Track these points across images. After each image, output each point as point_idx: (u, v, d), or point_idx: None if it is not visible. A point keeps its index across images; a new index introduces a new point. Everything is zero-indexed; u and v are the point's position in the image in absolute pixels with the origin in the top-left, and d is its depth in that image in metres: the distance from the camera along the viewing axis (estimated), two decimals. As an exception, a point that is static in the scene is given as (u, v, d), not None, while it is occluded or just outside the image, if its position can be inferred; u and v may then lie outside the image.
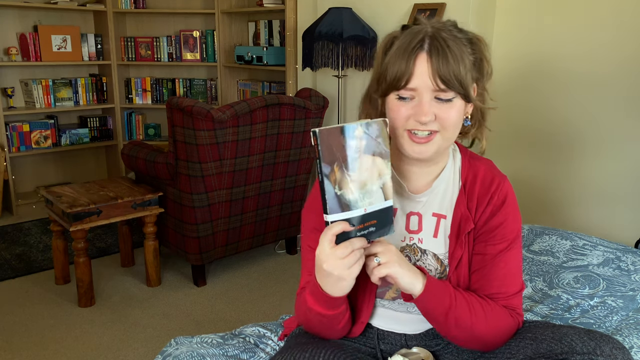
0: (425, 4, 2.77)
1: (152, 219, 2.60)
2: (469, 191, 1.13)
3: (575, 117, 2.62)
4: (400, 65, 1.01)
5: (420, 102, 1.01)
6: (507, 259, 1.12)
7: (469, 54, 1.04)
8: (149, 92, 4.36)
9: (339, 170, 0.91)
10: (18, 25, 3.79)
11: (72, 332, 2.27)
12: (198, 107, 2.34)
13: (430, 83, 1.00)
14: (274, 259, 3.04)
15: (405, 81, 1.01)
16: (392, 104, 1.05)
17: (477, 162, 1.17)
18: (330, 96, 3.25)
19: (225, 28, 4.11)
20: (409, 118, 1.03)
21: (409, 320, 1.18)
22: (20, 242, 3.23)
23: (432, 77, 0.99)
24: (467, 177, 1.14)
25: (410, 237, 1.14)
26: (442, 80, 0.99)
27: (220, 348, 1.25)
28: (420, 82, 1.00)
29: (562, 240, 1.98)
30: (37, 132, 3.84)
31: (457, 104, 1.03)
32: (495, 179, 1.13)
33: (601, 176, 2.58)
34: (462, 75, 1.00)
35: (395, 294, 1.15)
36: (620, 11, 2.41)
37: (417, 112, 1.01)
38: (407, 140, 1.05)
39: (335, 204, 0.92)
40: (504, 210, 1.12)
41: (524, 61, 2.76)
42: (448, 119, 1.02)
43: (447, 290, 1.06)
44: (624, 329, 1.41)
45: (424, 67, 1.00)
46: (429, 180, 1.14)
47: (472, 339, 1.08)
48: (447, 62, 0.99)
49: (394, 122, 1.05)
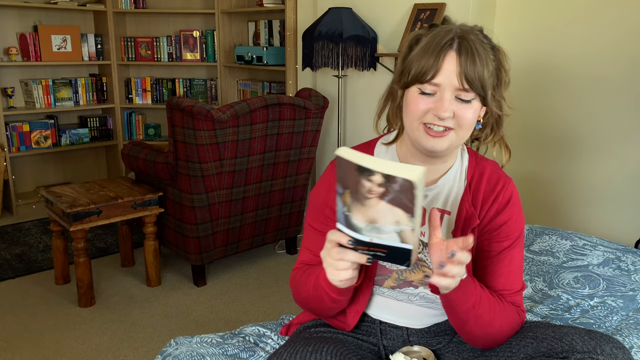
0: (425, 4, 2.77)
1: (152, 219, 2.60)
2: (474, 189, 1.16)
3: (575, 117, 2.62)
4: (429, 60, 1.04)
5: (442, 98, 1.04)
6: (511, 256, 1.15)
7: (492, 60, 1.07)
8: (149, 92, 4.36)
9: (350, 197, 0.89)
10: (18, 25, 3.79)
11: (72, 332, 2.27)
12: (198, 107, 2.34)
13: (456, 81, 1.03)
14: (274, 259, 3.04)
15: (431, 75, 1.04)
16: (412, 96, 1.07)
17: (484, 162, 1.20)
18: (330, 96, 3.25)
19: (225, 28, 4.11)
20: (427, 112, 1.06)
21: (411, 312, 1.19)
22: (20, 242, 3.23)
23: (458, 76, 1.03)
24: (473, 176, 1.17)
25: None
26: (467, 80, 1.02)
27: (220, 347, 1.25)
28: (445, 79, 1.03)
29: (562, 240, 1.98)
30: (37, 132, 3.84)
31: (475, 105, 1.06)
32: (501, 179, 1.17)
33: (601, 176, 2.58)
34: (485, 78, 1.04)
35: (394, 282, 1.15)
36: (623, 10, 2.41)
37: (437, 107, 1.04)
38: (422, 133, 1.07)
39: (342, 219, 0.92)
40: (509, 209, 1.15)
41: (524, 61, 2.76)
42: (465, 118, 1.05)
43: (475, 288, 1.06)
44: (624, 329, 1.41)
45: (452, 65, 1.03)
46: (436, 178, 1.16)
47: (485, 335, 1.10)
48: (475, 64, 1.02)
49: (411, 114, 1.08)
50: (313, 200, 1.22)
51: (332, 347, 1.05)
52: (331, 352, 1.03)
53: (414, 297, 1.16)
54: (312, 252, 1.20)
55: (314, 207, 1.21)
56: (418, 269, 1.14)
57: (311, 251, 1.21)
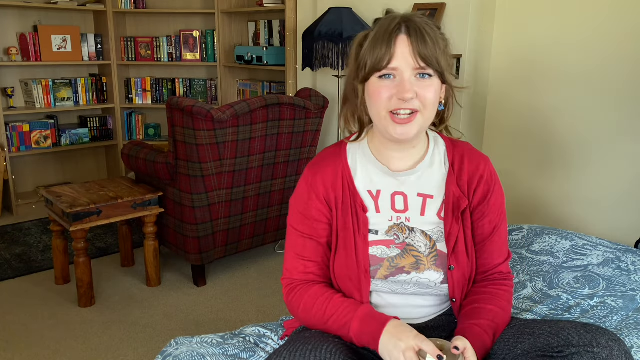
0: (425, 4, 2.77)
1: (152, 219, 2.60)
2: (457, 170, 1.20)
3: (575, 117, 2.62)
4: (382, 48, 1.07)
5: (402, 80, 1.07)
6: (501, 231, 1.22)
7: (441, 39, 1.11)
8: (149, 92, 4.36)
9: None
10: (18, 25, 3.79)
11: (72, 332, 2.27)
12: (198, 107, 2.34)
13: (412, 61, 1.06)
14: (274, 259, 3.04)
15: (387, 61, 1.07)
16: (373, 86, 1.10)
17: (459, 143, 1.25)
18: (330, 96, 3.25)
19: (225, 28, 4.11)
20: (391, 98, 1.08)
21: (407, 304, 1.20)
22: (20, 242, 3.23)
23: (413, 55, 1.06)
24: (453, 159, 1.21)
25: (397, 217, 1.18)
26: (422, 58, 1.06)
27: (220, 347, 1.25)
28: (401, 61, 1.06)
29: (562, 240, 1.98)
30: (37, 132, 3.84)
31: (435, 83, 1.09)
32: (481, 159, 1.22)
33: (601, 176, 2.58)
34: (438, 55, 1.07)
35: (387, 271, 1.17)
36: (622, 11, 2.41)
37: (399, 90, 1.07)
38: (390, 122, 1.10)
39: None
40: (495, 186, 1.21)
41: (525, 62, 2.76)
42: (427, 97, 1.08)
43: (484, 336, 1.11)
44: (624, 329, 1.41)
45: (405, 47, 1.06)
46: (411, 165, 1.20)
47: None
48: (426, 42, 1.06)
49: (375, 103, 1.10)
50: (295, 205, 1.23)
51: (331, 345, 1.06)
52: (331, 351, 1.04)
53: (407, 284, 1.18)
54: (304, 259, 1.21)
55: (298, 212, 1.22)
56: (408, 253, 1.16)
57: (303, 257, 1.21)
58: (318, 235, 1.20)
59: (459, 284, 1.18)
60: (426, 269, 1.16)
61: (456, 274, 1.17)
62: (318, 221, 1.19)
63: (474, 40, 2.70)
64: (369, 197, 1.19)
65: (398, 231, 1.17)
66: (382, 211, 1.18)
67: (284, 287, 1.23)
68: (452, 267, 1.16)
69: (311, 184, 1.20)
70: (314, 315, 1.16)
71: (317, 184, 1.19)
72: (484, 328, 1.11)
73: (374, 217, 1.18)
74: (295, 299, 1.19)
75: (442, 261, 1.17)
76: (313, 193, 1.19)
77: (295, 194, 1.23)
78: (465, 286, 1.20)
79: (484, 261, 1.22)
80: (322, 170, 1.20)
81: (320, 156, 1.24)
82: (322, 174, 1.20)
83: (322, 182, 1.19)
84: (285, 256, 1.24)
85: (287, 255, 1.24)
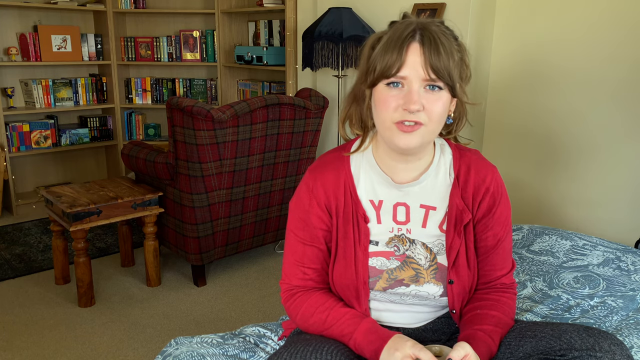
0: (425, 4, 2.77)
1: (152, 219, 2.60)
2: (462, 182, 1.16)
3: (575, 117, 2.62)
4: (392, 54, 1.03)
5: (410, 90, 1.03)
6: (506, 243, 1.19)
7: (457, 50, 1.07)
8: (149, 92, 4.36)
9: None
10: (18, 25, 3.79)
11: (72, 332, 2.27)
12: (198, 107, 2.34)
13: (422, 72, 1.02)
14: (274, 259, 3.04)
15: (396, 69, 1.03)
16: (380, 94, 1.06)
17: (467, 152, 1.20)
18: (330, 96, 3.25)
19: (225, 28, 4.11)
20: (397, 108, 1.04)
21: (406, 312, 1.19)
22: (20, 242, 3.23)
23: (424, 66, 1.02)
24: (459, 169, 1.17)
25: (398, 228, 1.16)
26: (433, 70, 1.02)
27: (220, 348, 1.25)
28: (411, 70, 1.02)
29: (562, 240, 1.98)
30: (37, 132, 3.83)
31: (444, 96, 1.05)
32: (488, 170, 1.17)
33: (601, 176, 2.58)
34: (451, 67, 1.03)
35: (386, 283, 1.15)
36: (623, 11, 2.41)
37: (406, 100, 1.03)
38: (395, 131, 1.06)
39: None
40: (502, 199, 1.17)
41: (525, 61, 2.75)
42: (434, 111, 1.04)
43: (486, 342, 1.10)
44: (624, 329, 1.41)
45: (416, 56, 1.02)
46: (415, 176, 1.16)
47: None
48: (439, 53, 1.02)
49: (382, 114, 1.06)
50: (296, 210, 1.20)
51: (332, 347, 1.06)
52: (331, 352, 1.04)
53: (406, 296, 1.16)
54: (304, 266, 1.19)
55: (299, 217, 1.19)
56: (407, 266, 1.15)
57: (303, 264, 1.19)
58: (318, 242, 1.18)
59: (459, 297, 1.16)
60: (425, 282, 1.14)
61: (456, 288, 1.15)
62: (318, 228, 1.17)
63: (474, 40, 2.71)
64: (371, 206, 1.16)
65: (399, 242, 1.15)
66: (383, 222, 1.16)
67: (282, 291, 1.22)
68: (452, 281, 1.15)
69: (312, 189, 1.17)
70: (312, 323, 1.15)
71: (318, 190, 1.16)
72: (488, 333, 1.10)
73: (375, 228, 1.16)
74: (294, 306, 1.18)
75: (441, 274, 1.15)
76: (314, 200, 1.16)
77: (296, 197, 1.21)
78: (465, 298, 1.18)
79: (486, 272, 1.20)
80: (323, 175, 1.17)
81: (323, 160, 1.21)
82: (324, 179, 1.17)
83: (323, 188, 1.16)
84: (284, 260, 1.22)
85: (286, 260, 1.22)
